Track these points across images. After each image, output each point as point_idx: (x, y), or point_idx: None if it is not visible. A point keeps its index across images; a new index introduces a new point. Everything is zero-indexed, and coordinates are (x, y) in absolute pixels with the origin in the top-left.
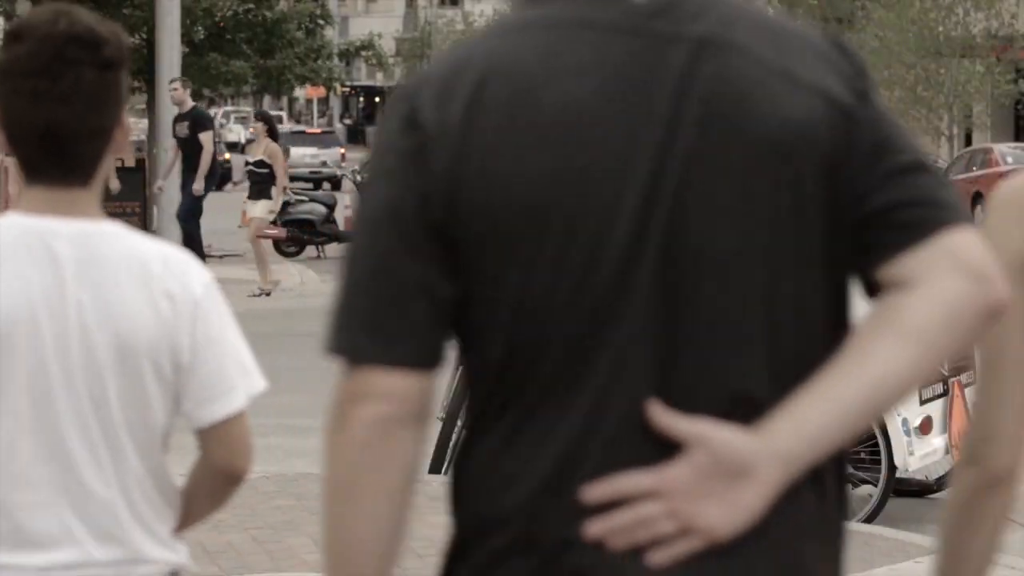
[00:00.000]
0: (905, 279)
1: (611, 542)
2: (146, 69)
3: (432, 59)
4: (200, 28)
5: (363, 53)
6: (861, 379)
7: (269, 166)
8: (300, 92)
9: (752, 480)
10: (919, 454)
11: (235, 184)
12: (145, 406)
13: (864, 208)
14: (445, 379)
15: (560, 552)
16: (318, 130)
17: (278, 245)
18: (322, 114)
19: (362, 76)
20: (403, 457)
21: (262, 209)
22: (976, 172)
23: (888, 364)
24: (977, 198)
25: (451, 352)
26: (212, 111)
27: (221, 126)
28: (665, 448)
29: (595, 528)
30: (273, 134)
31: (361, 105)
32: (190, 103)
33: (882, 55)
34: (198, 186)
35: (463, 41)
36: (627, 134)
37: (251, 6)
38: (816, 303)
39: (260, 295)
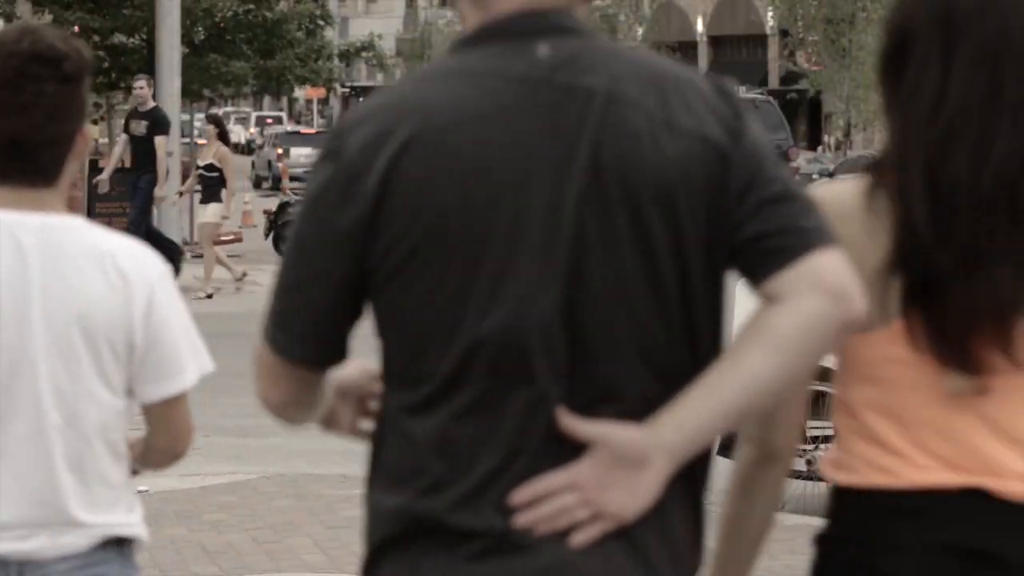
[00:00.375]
0: (774, 297)
1: (538, 529)
2: (146, 69)
3: (363, 102)
4: (200, 28)
5: (363, 54)
6: (733, 383)
7: (219, 170)
8: (300, 93)
9: (648, 469)
10: None
11: (180, 195)
12: (105, 384)
13: (739, 236)
14: None
15: (500, 540)
16: (314, 130)
17: (277, 245)
18: (322, 115)
19: (362, 77)
20: (282, 401)
21: (213, 213)
22: None
23: (756, 370)
24: None
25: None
26: (211, 111)
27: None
28: (574, 449)
29: (523, 519)
30: (224, 137)
31: None
32: (152, 103)
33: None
34: (159, 191)
35: (391, 86)
36: (530, 173)
37: (251, 7)
38: (696, 321)
39: (204, 298)
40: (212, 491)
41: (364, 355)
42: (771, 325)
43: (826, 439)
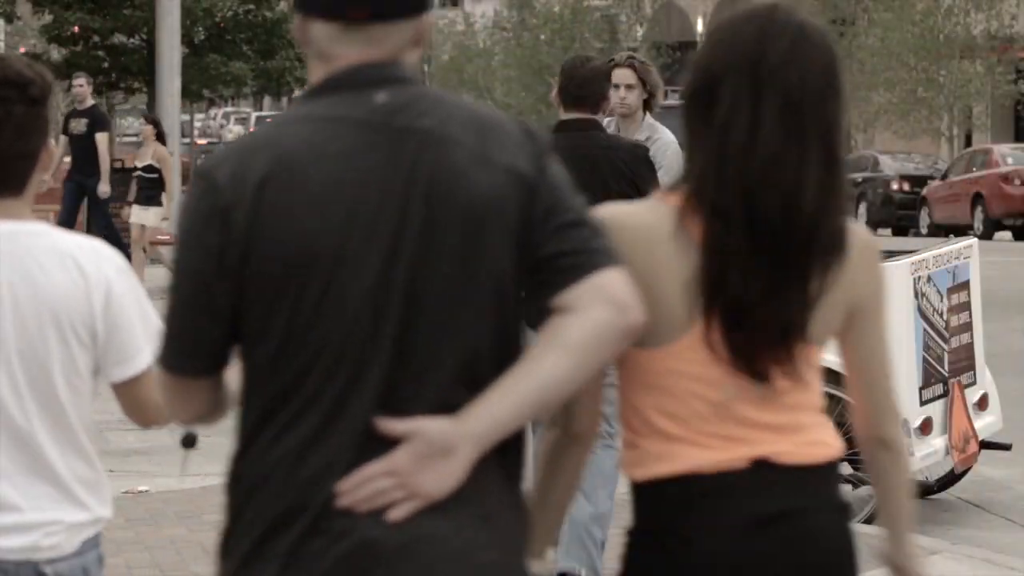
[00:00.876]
0: (567, 309)
1: (359, 509)
2: (146, 69)
3: (228, 144)
4: (200, 28)
5: None
6: (530, 381)
7: (159, 171)
8: (300, 93)
9: (455, 455)
10: (919, 455)
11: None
12: (73, 371)
13: (537, 256)
14: None
15: (331, 522)
16: None
17: None
18: None
19: None
20: (195, 413)
21: (155, 217)
22: (976, 173)
23: (550, 370)
24: (977, 199)
25: None
26: (212, 111)
27: (221, 127)
28: (392, 443)
29: (345, 500)
30: (162, 138)
31: None
32: (90, 101)
33: (883, 56)
34: (104, 188)
35: (252, 132)
36: (373, 205)
37: (251, 7)
38: (502, 331)
39: None
40: (212, 491)
41: None
42: (563, 332)
43: None
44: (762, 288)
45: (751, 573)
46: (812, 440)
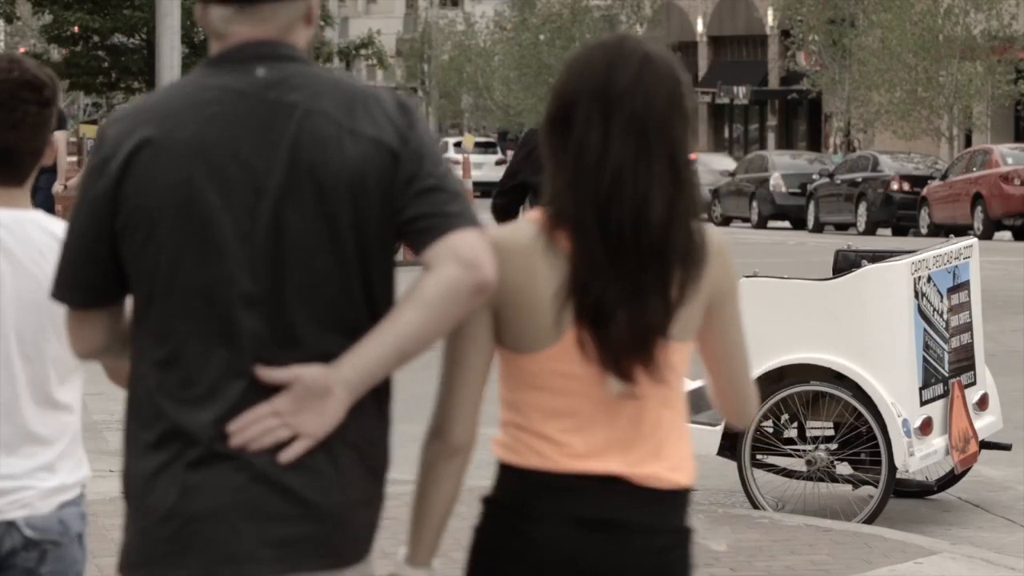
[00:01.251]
0: (426, 267)
1: (252, 447)
2: (146, 69)
3: (125, 105)
4: (200, 28)
5: (362, 51)
6: (394, 333)
7: None
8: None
9: (331, 398)
10: (919, 455)
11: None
12: (64, 346)
13: (400, 218)
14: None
15: (222, 455)
16: None
17: None
18: None
19: (362, 76)
20: (90, 346)
21: None
22: (976, 173)
23: (408, 323)
24: (977, 199)
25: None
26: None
27: None
28: (274, 388)
29: (237, 439)
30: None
31: None
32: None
33: (883, 56)
34: (59, 185)
35: (149, 93)
36: (240, 164)
37: None
38: (372, 283)
39: None
40: None
41: None
42: (420, 288)
43: (827, 439)
44: (621, 293)
45: (582, 567)
46: (670, 466)
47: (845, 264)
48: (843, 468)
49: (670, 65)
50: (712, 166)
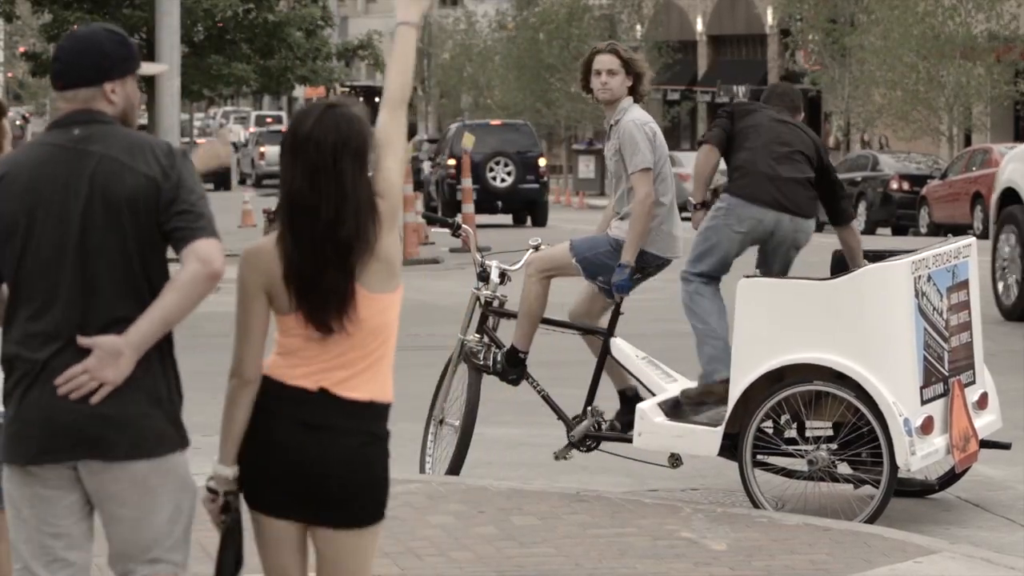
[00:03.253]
0: (180, 262)
1: (72, 397)
2: None
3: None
4: (200, 28)
5: (360, 53)
6: (160, 307)
7: None
8: (300, 92)
9: (122, 357)
10: (921, 454)
11: None
12: None
13: (164, 229)
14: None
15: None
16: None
17: None
18: None
19: (362, 76)
20: None
21: None
22: (976, 172)
23: (168, 302)
24: (977, 198)
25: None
26: (212, 111)
27: (221, 126)
28: (87, 351)
29: (62, 390)
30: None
31: None
32: None
33: (884, 56)
34: None
35: (20, 147)
36: (57, 197)
37: (251, 7)
38: (149, 277)
39: None
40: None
41: None
42: (175, 278)
43: (828, 439)
44: (315, 277)
45: (295, 457)
46: (365, 382)
47: (843, 265)
48: (843, 468)
49: (348, 117)
50: None
